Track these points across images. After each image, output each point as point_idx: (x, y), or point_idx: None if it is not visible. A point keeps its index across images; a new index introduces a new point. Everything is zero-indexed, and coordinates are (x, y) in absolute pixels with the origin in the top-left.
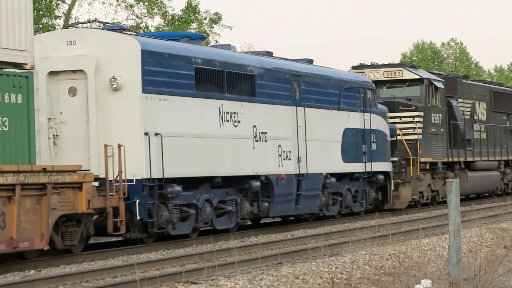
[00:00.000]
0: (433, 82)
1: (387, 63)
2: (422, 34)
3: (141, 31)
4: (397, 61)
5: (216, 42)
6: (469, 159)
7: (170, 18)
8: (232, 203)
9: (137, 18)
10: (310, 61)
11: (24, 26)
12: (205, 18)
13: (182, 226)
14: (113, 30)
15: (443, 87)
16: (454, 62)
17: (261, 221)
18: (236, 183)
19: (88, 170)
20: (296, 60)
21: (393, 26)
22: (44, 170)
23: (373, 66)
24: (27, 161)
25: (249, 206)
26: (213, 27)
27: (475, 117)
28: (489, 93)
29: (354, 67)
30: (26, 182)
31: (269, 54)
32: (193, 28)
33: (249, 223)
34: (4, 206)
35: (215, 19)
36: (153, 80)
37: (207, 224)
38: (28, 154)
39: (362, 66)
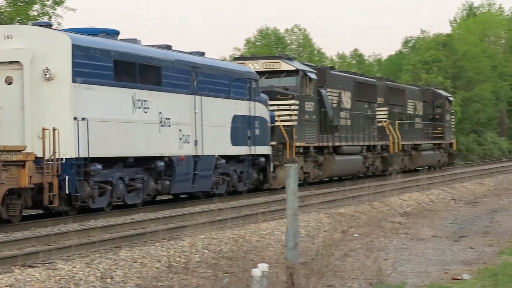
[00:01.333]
0: (307, 73)
1: (265, 55)
2: (266, 20)
3: None
4: (241, 46)
5: (59, 24)
6: (337, 144)
7: None
8: (140, 181)
9: None
10: (202, 54)
11: None
12: (48, 0)
13: (99, 201)
14: (42, 25)
15: (315, 77)
16: (297, 48)
17: (157, 198)
18: (144, 163)
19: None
20: (191, 53)
21: (237, 11)
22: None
23: (253, 57)
24: None
25: (154, 184)
26: (55, 9)
27: (342, 105)
28: (353, 83)
29: (236, 59)
30: None
31: (168, 47)
32: (36, 10)
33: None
34: None
35: (58, 1)
36: (81, 71)
37: (119, 199)
38: None
39: (243, 58)
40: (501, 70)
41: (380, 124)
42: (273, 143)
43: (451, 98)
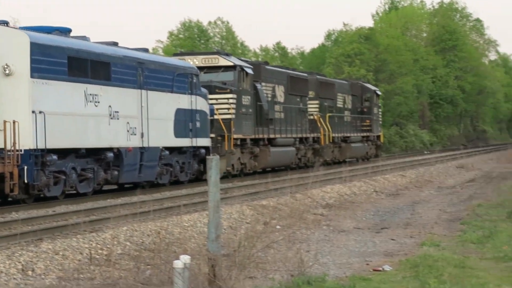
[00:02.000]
0: (244, 68)
1: (204, 51)
2: (189, 13)
3: None
4: (164, 38)
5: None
6: (272, 136)
7: None
8: (91, 171)
9: None
10: (146, 50)
11: None
12: None
13: (54, 189)
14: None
15: (252, 72)
16: (220, 41)
17: (103, 188)
18: (94, 154)
19: None
20: (137, 49)
21: (160, 4)
22: None
23: (193, 53)
24: None
25: (103, 174)
26: None
27: (276, 99)
28: (286, 77)
29: (175, 54)
30: None
31: (115, 44)
32: None
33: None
34: None
35: None
36: (38, 67)
37: (72, 188)
38: None
39: (182, 54)
40: (422, 64)
41: (311, 117)
42: (212, 135)
43: (378, 92)
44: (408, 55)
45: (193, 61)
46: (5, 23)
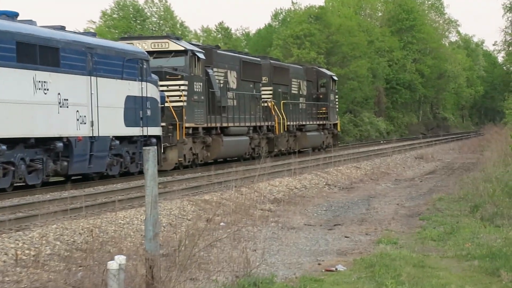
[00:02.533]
0: (196, 53)
1: (153, 35)
2: None
3: None
4: (96, 18)
5: None
6: (224, 125)
7: None
8: (40, 161)
9: None
10: (94, 35)
11: None
12: None
13: (2, 181)
14: None
15: (204, 57)
16: (158, 21)
17: (50, 180)
18: (43, 144)
19: None
20: (84, 34)
21: None
22: None
23: (141, 37)
24: None
25: (53, 164)
26: None
27: (228, 86)
28: (239, 62)
29: (122, 38)
30: None
31: (62, 28)
32: None
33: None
34: None
35: None
36: None
37: (21, 180)
38: None
39: (130, 38)
40: (378, 45)
41: (265, 105)
42: (163, 124)
43: (335, 77)
44: (362, 37)
45: (141, 46)
46: None
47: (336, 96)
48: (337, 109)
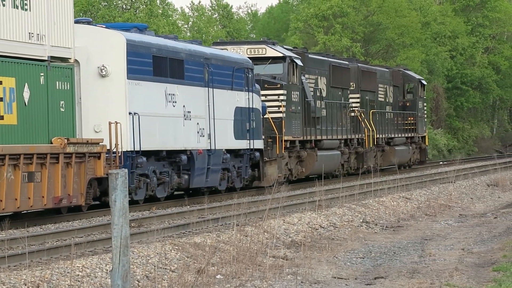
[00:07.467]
0: (294, 59)
1: (248, 40)
2: None
3: None
4: None
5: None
6: (318, 137)
7: None
8: (166, 174)
9: None
10: (176, 37)
11: (68, 28)
12: None
13: (138, 193)
14: (80, 22)
15: (301, 64)
16: None
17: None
18: (168, 156)
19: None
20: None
21: None
22: (87, 142)
23: (235, 42)
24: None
25: (177, 178)
26: None
27: (318, 94)
28: (328, 67)
29: (215, 44)
30: (78, 151)
31: (175, 37)
32: None
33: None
34: (64, 170)
35: None
36: (132, 68)
37: (152, 192)
38: (71, 129)
39: (224, 43)
40: (436, 29)
41: (352, 114)
42: (262, 137)
43: (424, 82)
44: (414, 17)
45: (237, 52)
46: (89, 21)
47: (425, 104)
48: (425, 119)
